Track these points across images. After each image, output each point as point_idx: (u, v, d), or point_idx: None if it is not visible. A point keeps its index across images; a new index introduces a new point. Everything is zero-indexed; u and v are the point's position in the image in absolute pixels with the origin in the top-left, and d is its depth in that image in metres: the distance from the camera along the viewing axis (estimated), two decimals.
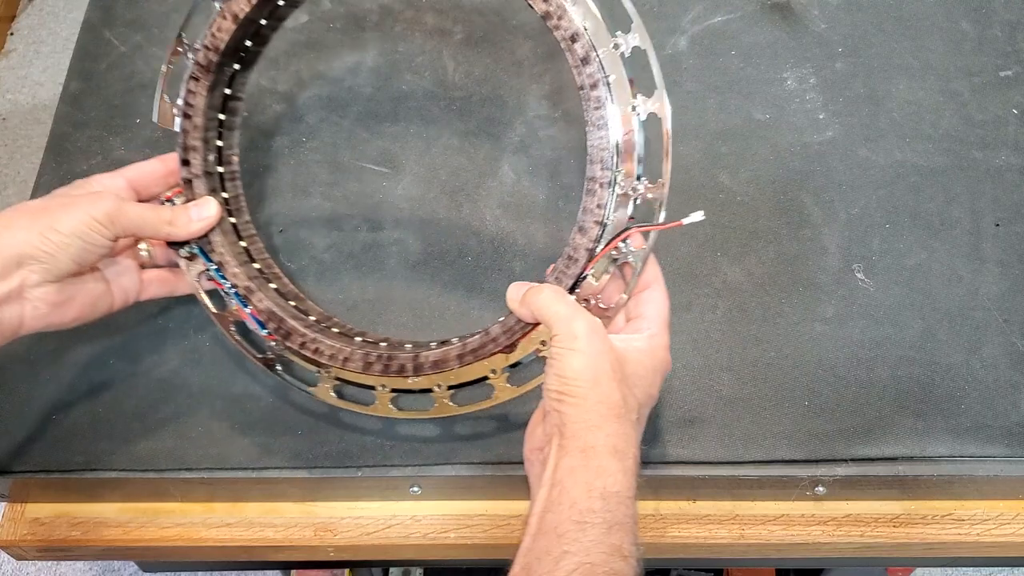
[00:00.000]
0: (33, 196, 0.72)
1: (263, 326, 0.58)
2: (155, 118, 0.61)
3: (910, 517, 0.61)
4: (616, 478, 0.46)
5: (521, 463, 0.59)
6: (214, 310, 0.60)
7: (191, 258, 0.60)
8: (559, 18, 0.52)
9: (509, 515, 0.62)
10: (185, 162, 0.60)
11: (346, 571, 1.00)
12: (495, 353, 0.54)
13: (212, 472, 0.61)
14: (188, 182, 0.60)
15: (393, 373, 0.56)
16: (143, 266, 0.61)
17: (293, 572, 0.98)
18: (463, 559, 0.64)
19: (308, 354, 0.57)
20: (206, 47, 0.59)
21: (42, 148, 0.74)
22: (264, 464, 0.61)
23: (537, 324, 0.53)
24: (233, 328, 0.60)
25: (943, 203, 0.67)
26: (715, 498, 0.62)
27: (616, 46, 0.52)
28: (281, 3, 0.61)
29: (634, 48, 0.52)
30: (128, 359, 0.64)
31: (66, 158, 0.73)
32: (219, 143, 0.62)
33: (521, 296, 0.53)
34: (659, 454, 0.59)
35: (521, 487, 0.61)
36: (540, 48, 0.75)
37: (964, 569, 1.29)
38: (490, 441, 0.60)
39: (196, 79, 0.60)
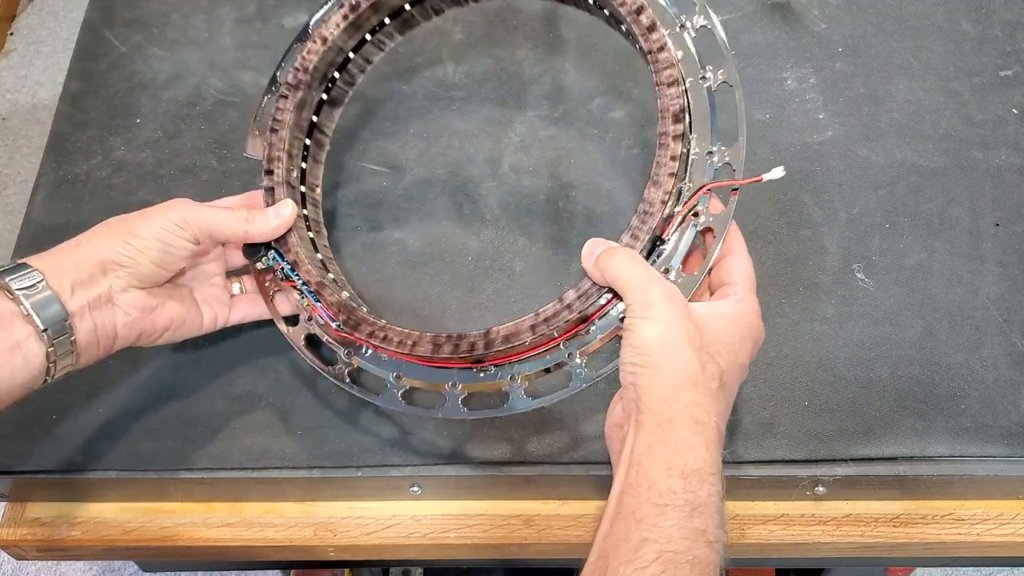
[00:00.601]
0: (33, 196, 0.72)
1: (333, 319, 0.58)
2: (247, 150, 0.65)
3: (910, 517, 0.61)
4: (697, 453, 0.44)
5: (522, 463, 0.60)
6: (286, 327, 0.61)
7: (264, 270, 0.62)
8: None
9: (509, 515, 0.62)
10: (269, 172, 0.62)
11: (346, 571, 1.00)
12: (570, 325, 0.52)
13: (212, 472, 0.61)
14: (270, 190, 0.61)
15: (463, 353, 0.54)
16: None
17: (293, 572, 0.98)
18: (463, 559, 0.64)
19: (377, 342, 0.56)
20: (295, 68, 0.63)
21: (42, 148, 0.74)
22: (264, 464, 0.61)
23: (610, 291, 0.51)
24: (303, 343, 0.60)
25: (943, 203, 0.67)
26: None
27: (682, 26, 0.55)
28: (368, 38, 0.65)
29: (700, 27, 0.54)
30: (128, 360, 0.64)
31: (66, 158, 0.73)
32: (303, 165, 0.65)
33: (595, 257, 0.51)
34: None
35: (521, 487, 0.61)
36: (540, 48, 0.75)
37: (964, 569, 1.29)
38: (490, 441, 0.60)
39: (284, 97, 0.63)
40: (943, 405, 0.60)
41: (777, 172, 0.53)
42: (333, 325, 0.58)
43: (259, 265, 0.62)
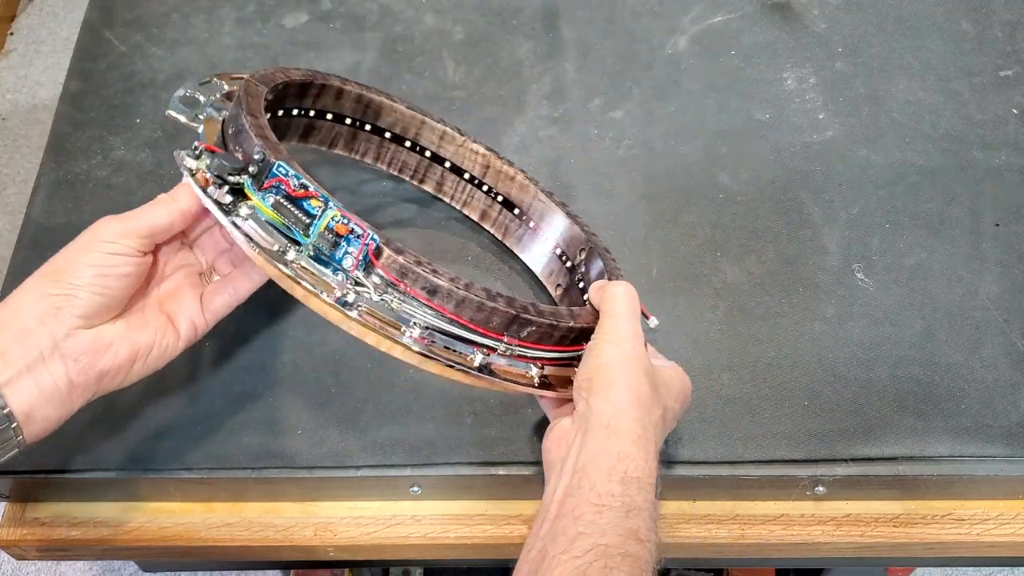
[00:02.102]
0: (33, 196, 0.72)
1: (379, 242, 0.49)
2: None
3: (910, 517, 0.61)
4: (638, 463, 0.47)
5: (522, 463, 0.60)
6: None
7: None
8: None
9: (509, 515, 0.62)
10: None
11: (346, 571, 1.00)
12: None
13: (212, 472, 0.61)
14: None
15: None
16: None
17: (293, 572, 0.98)
18: (463, 559, 0.64)
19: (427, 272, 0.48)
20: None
21: (42, 148, 0.74)
22: (264, 464, 0.61)
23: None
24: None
25: (943, 203, 0.67)
26: (715, 498, 0.62)
27: None
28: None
29: None
30: None
31: (66, 158, 0.73)
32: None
33: (597, 284, 0.55)
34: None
35: (521, 487, 0.61)
36: (540, 48, 0.75)
37: (964, 569, 1.29)
38: (490, 441, 0.60)
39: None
40: (943, 405, 0.60)
41: (653, 322, 0.56)
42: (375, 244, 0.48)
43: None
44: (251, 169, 0.48)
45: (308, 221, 0.48)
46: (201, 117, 0.55)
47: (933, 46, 0.74)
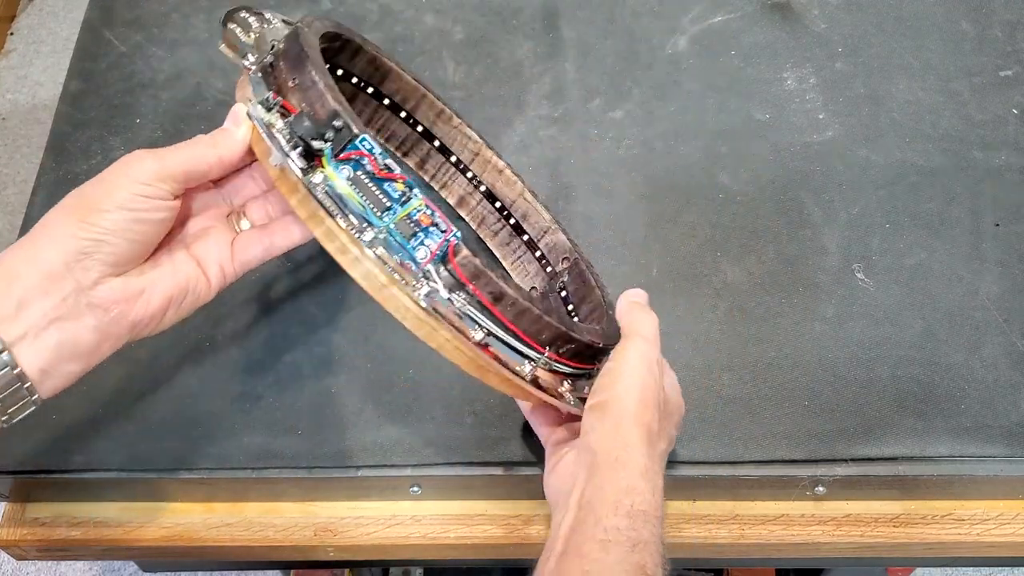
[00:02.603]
0: (33, 196, 0.72)
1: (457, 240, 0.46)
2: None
3: (910, 517, 0.61)
4: (644, 497, 0.46)
5: (522, 463, 0.60)
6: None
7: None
8: None
9: (509, 515, 0.62)
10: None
11: (346, 571, 1.00)
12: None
13: (212, 472, 0.61)
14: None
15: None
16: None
17: (293, 572, 0.98)
18: (463, 559, 0.64)
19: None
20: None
21: (42, 148, 0.74)
22: (264, 464, 0.61)
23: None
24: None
25: (943, 203, 0.67)
26: (715, 498, 0.62)
27: None
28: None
29: None
30: (128, 359, 0.64)
31: (66, 158, 0.73)
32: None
33: (634, 297, 0.55)
34: None
35: (521, 487, 0.61)
36: (540, 48, 0.75)
37: (964, 569, 1.29)
38: (490, 441, 0.60)
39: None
40: (943, 405, 0.60)
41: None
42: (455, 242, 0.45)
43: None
44: (328, 136, 0.45)
45: (387, 204, 0.45)
46: (251, 57, 0.51)
47: (933, 46, 0.74)
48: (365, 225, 0.45)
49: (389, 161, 0.45)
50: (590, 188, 0.69)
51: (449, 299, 0.45)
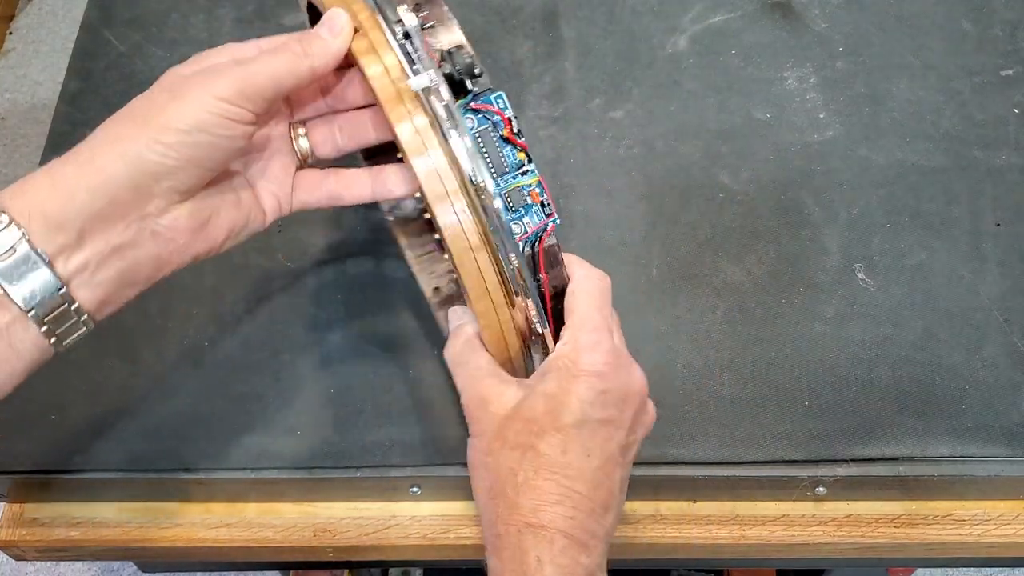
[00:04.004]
0: None
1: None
2: None
3: (911, 517, 0.61)
4: None
5: None
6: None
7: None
8: None
9: None
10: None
11: (345, 572, 1.00)
12: None
13: (211, 472, 0.61)
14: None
15: None
16: (303, 163, 0.48)
17: (292, 573, 0.98)
18: (463, 559, 0.64)
19: None
20: None
21: (41, 147, 0.74)
22: (264, 464, 0.60)
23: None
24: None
25: (944, 203, 0.67)
26: (715, 498, 0.62)
27: None
28: None
29: None
30: (128, 359, 0.64)
31: None
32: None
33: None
34: (659, 454, 0.59)
35: None
36: (540, 48, 0.75)
37: (965, 570, 1.29)
38: None
39: None
40: (944, 405, 0.60)
41: None
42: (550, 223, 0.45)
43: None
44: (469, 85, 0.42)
45: (505, 168, 0.44)
46: None
47: (934, 45, 0.73)
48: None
49: (520, 126, 0.44)
50: (590, 188, 0.69)
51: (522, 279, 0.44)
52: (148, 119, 0.40)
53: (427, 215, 0.44)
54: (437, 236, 0.56)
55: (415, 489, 0.61)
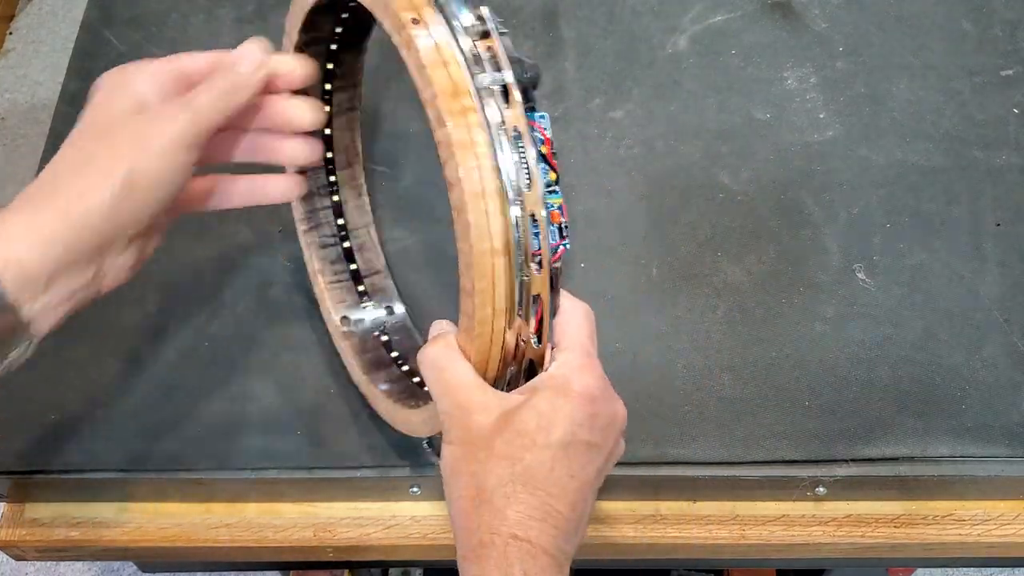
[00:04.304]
0: None
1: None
2: None
3: (911, 518, 0.61)
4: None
5: None
6: None
7: None
8: None
9: None
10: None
11: (345, 572, 1.00)
12: None
13: (211, 472, 0.61)
14: None
15: None
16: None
17: (292, 573, 0.98)
18: None
19: None
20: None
21: (41, 147, 0.74)
22: (264, 464, 0.60)
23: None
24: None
25: (944, 203, 0.67)
26: (715, 498, 0.62)
27: None
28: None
29: None
30: (128, 359, 0.64)
31: None
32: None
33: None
34: (659, 454, 0.59)
35: None
36: (540, 48, 0.75)
37: (965, 570, 1.29)
38: None
39: None
40: (944, 405, 0.60)
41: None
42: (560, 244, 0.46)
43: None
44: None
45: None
46: None
47: (934, 45, 0.73)
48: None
49: (555, 149, 0.45)
50: (590, 188, 0.69)
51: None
52: (113, 167, 0.42)
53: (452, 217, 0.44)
54: (354, 266, 0.59)
55: (415, 489, 0.61)
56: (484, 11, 0.44)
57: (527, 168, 0.44)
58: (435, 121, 0.43)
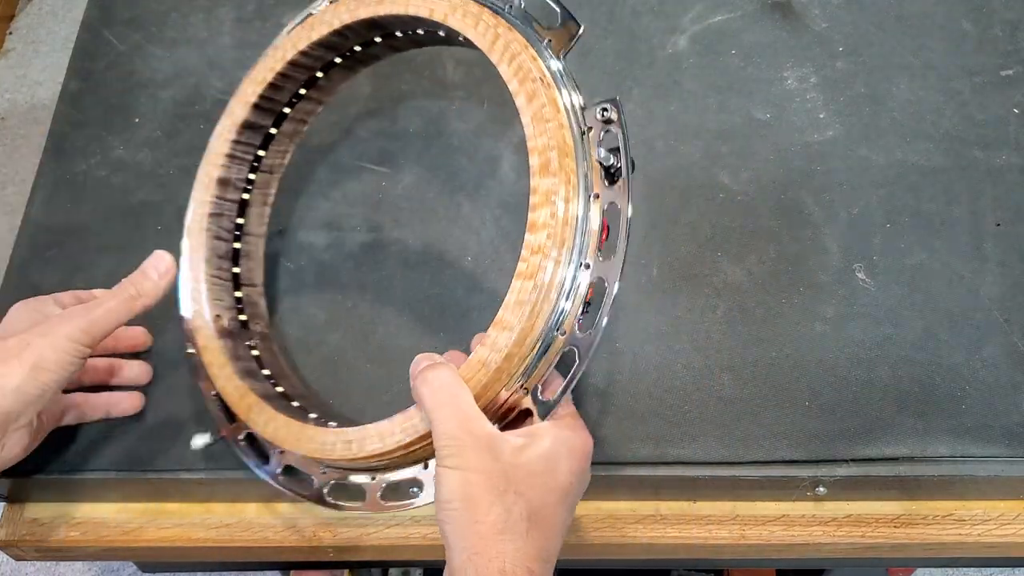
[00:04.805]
0: (32, 196, 0.71)
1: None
2: None
3: (911, 518, 0.60)
4: None
5: None
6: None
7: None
8: None
9: None
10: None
11: (345, 572, 1.00)
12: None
13: (211, 473, 0.61)
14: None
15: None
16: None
17: (292, 572, 0.98)
18: None
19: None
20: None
21: (41, 147, 0.74)
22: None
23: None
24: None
25: (944, 203, 0.67)
26: (715, 498, 0.62)
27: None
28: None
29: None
30: (127, 359, 0.64)
31: (65, 158, 0.73)
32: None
33: (418, 371, 0.49)
34: (659, 454, 0.59)
35: None
36: None
37: (965, 570, 1.29)
38: None
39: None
40: (944, 405, 0.60)
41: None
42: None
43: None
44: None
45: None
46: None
47: (934, 45, 0.73)
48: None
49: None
50: None
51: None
52: (22, 356, 0.51)
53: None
54: (237, 270, 0.62)
55: (415, 490, 0.61)
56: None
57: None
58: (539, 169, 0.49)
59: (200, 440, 0.58)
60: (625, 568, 0.84)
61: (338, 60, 0.63)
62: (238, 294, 0.63)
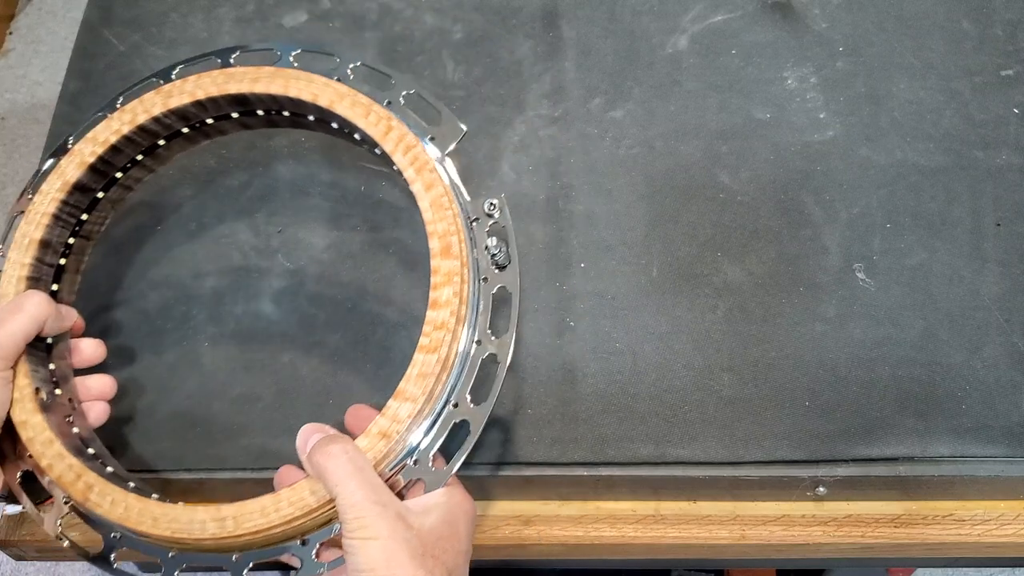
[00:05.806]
0: None
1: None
2: None
3: (911, 517, 0.61)
4: None
5: (521, 463, 0.59)
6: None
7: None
8: None
9: (508, 515, 0.62)
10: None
11: None
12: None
13: (211, 473, 0.61)
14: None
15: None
16: None
17: (292, 573, 0.98)
18: None
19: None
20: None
21: (41, 147, 0.74)
22: (263, 464, 0.60)
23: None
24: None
25: (944, 203, 0.67)
26: (716, 498, 0.62)
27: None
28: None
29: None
30: (127, 359, 0.64)
31: None
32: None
33: (308, 448, 0.49)
34: (659, 454, 0.59)
35: (519, 488, 0.61)
36: (540, 48, 0.75)
37: (965, 570, 1.29)
38: (489, 442, 0.60)
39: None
40: (944, 405, 0.60)
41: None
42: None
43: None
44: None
45: None
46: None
47: (934, 45, 0.73)
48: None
49: None
50: (590, 188, 0.69)
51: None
52: None
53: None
54: (50, 340, 0.58)
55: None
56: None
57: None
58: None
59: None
60: (625, 568, 0.84)
61: (185, 130, 0.62)
62: (52, 366, 0.58)
